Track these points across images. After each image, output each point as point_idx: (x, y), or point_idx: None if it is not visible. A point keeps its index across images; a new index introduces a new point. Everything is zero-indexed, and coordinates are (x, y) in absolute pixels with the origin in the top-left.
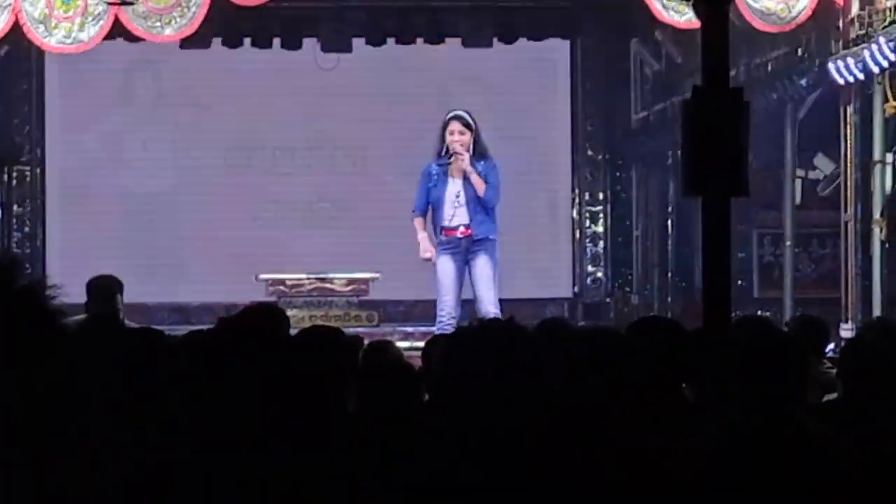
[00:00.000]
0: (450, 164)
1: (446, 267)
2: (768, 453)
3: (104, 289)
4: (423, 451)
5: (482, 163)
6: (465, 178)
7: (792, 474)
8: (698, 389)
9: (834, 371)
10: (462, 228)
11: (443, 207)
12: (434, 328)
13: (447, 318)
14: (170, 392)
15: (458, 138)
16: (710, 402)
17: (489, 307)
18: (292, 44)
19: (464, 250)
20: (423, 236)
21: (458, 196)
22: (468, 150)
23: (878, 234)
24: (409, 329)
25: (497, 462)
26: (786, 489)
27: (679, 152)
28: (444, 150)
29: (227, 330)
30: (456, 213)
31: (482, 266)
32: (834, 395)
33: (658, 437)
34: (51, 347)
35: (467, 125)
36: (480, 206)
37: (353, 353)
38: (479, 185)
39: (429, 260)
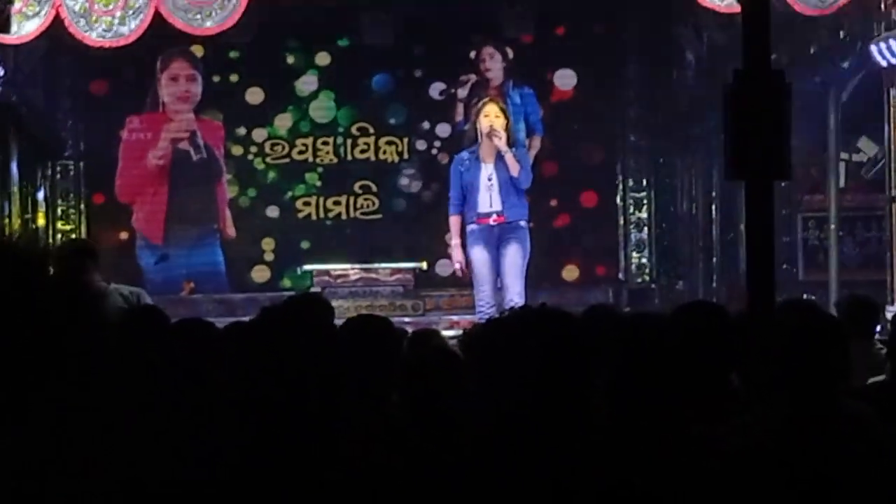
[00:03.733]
0: (480, 147)
1: (480, 257)
2: (812, 438)
3: (68, 250)
4: (466, 440)
5: (513, 149)
6: (497, 162)
7: (836, 458)
8: (744, 374)
9: (884, 351)
10: (495, 216)
11: (476, 192)
12: (476, 317)
13: (486, 307)
14: (215, 383)
15: (493, 120)
16: (755, 388)
17: (514, 297)
18: (333, 34)
19: (496, 238)
20: (456, 243)
21: (490, 179)
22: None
23: None
24: (455, 318)
25: (541, 449)
26: (830, 473)
27: (722, 137)
28: (477, 135)
29: (270, 320)
30: (489, 197)
31: (513, 255)
32: (881, 377)
33: (705, 423)
34: (91, 339)
35: (503, 110)
36: (513, 189)
37: (398, 342)
38: (514, 166)
39: (458, 272)
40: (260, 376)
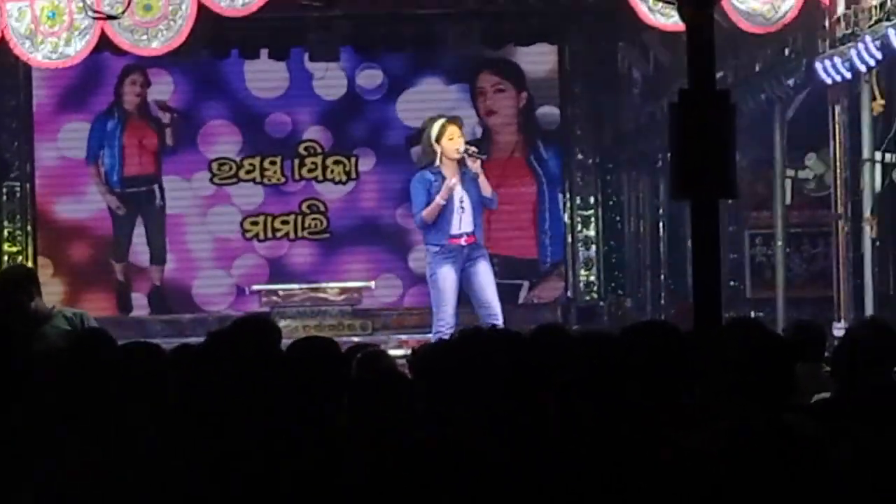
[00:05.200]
0: (443, 168)
1: (448, 277)
2: (758, 455)
3: (14, 278)
4: (414, 462)
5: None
6: (465, 183)
7: (782, 475)
8: (693, 393)
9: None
10: (465, 236)
11: (449, 214)
12: (431, 337)
13: (446, 327)
14: (163, 406)
15: (459, 142)
16: (704, 406)
17: (496, 313)
18: (280, 54)
19: (464, 259)
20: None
21: (462, 201)
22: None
23: (868, 233)
24: (404, 337)
25: (495, 469)
26: (776, 490)
27: (668, 155)
28: (437, 156)
29: (217, 344)
30: (460, 219)
31: (485, 273)
32: (826, 394)
33: (654, 438)
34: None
35: (460, 128)
36: (480, 209)
37: (345, 363)
38: (487, 187)
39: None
40: (206, 400)
